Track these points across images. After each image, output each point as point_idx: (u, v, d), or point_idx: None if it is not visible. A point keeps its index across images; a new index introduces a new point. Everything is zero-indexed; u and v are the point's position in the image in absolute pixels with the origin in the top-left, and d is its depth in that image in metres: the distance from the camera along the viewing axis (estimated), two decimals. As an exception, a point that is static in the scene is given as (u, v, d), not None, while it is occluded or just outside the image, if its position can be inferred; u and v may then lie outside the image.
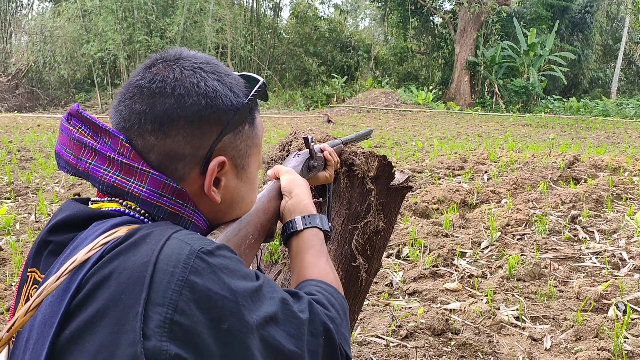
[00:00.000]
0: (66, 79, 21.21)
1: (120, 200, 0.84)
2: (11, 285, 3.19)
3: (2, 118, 14.72)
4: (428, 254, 3.76)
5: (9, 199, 5.32)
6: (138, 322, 0.65)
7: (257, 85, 0.91)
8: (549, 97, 21.84)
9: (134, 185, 0.82)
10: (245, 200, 0.97)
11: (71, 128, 0.84)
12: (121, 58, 18.59)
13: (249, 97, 0.89)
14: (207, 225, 0.91)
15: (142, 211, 0.83)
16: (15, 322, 0.70)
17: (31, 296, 0.80)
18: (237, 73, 0.94)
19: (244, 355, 0.72)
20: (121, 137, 0.83)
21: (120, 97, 0.86)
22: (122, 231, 0.75)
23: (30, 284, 0.83)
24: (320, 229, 1.10)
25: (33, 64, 20.39)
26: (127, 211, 0.82)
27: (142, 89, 0.83)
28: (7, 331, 0.70)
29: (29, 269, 0.85)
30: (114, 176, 0.82)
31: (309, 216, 1.10)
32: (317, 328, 0.84)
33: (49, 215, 4.71)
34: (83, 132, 0.84)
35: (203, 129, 0.84)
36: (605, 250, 3.82)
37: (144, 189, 0.82)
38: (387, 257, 3.78)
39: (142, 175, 0.82)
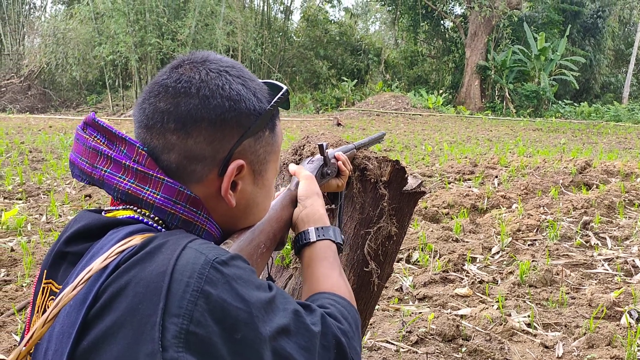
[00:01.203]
0: (78, 80, 21.37)
1: (135, 208, 0.84)
2: (22, 287, 3.21)
3: (15, 119, 14.86)
4: (438, 258, 3.74)
5: (20, 199, 5.36)
6: (156, 333, 0.65)
7: (280, 93, 0.92)
8: (560, 102, 21.71)
9: (148, 192, 0.82)
10: (260, 206, 0.96)
11: (87, 137, 0.85)
12: (133, 60, 18.72)
13: (272, 103, 0.90)
14: (220, 233, 0.91)
15: (157, 218, 0.83)
16: (33, 334, 0.70)
17: (48, 307, 0.80)
18: (261, 80, 0.94)
19: None
20: (137, 144, 0.83)
21: (145, 94, 0.87)
22: (137, 239, 0.75)
23: (47, 295, 0.83)
24: (333, 241, 1.10)
25: (45, 66, 20.55)
26: (141, 218, 0.83)
27: (168, 87, 0.84)
28: (26, 344, 0.70)
29: (44, 281, 0.85)
30: (129, 184, 0.82)
31: (322, 228, 1.10)
32: (329, 341, 0.83)
33: (60, 216, 4.74)
34: (99, 141, 0.85)
35: (225, 132, 0.85)
36: (617, 257, 3.78)
37: (159, 197, 0.82)
38: (397, 261, 3.76)
39: (157, 183, 0.82)
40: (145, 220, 0.83)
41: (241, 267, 0.75)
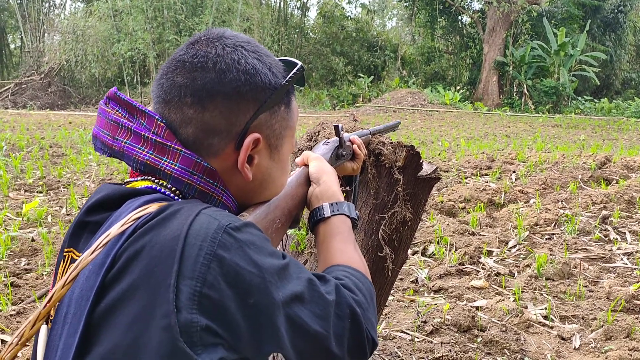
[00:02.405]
0: (97, 77, 21.60)
1: (153, 178, 0.85)
2: (42, 275, 3.27)
3: (36, 115, 15.09)
4: (454, 251, 3.72)
5: (41, 192, 5.45)
6: (171, 294, 0.67)
7: (296, 68, 0.92)
8: (579, 98, 21.40)
9: (166, 163, 0.83)
10: (276, 182, 0.97)
11: (109, 110, 0.87)
12: (151, 57, 18.88)
13: (287, 78, 0.91)
14: (236, 206, 0.92)
15: (174, 189, 0.85)
16: (52, 295, 0.72)
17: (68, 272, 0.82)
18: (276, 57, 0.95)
19: (270, 331, 0.73)
20: (157, 117, 0.85)
21: (162, 70, 0.89)
22: (153, 207, 0.77)
23: (68, 263, 0.85)
24: (348, 216, 1.10)
25: (65, 63, 20.81)
26: (158, 188, 0.84)
27: (185, 62, 0.86)
28: (45, 305, 0.72)
29: (65, 249, 0.87)
30: (148, 154, 0.84)
31: (336, 203, 1.10)
32: (343, 311, 0.84)
33: (80, 208, 4.81)
34: (120, 114, 0.87)
35: (240, 105, 0.86)
36: (637, 251, 3.73)
37: (176, 167, 0.83)
38: (413, 254, 3.76)
39: (175, 154, 0.84)
40: (162, 190, 0.84)
41: (254, 233, 0.77)
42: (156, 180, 0.85)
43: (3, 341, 2.52)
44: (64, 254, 0.87)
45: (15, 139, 8.86)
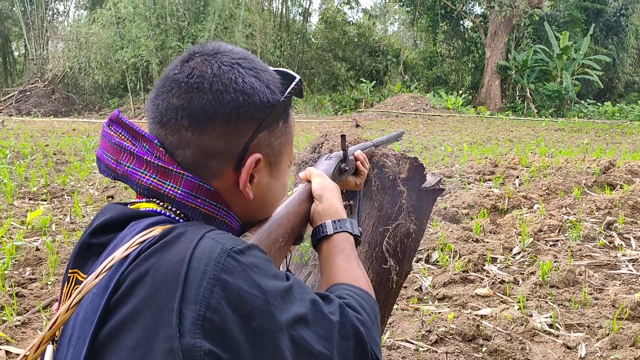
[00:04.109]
0: (100, 84, 21.69)
1: (157, 201, 0.85)
2: (47, 285, 3.28)
3: (39, 122, 15.15)
4: (458, 259, 3.71)
5: (45, 200, 5.47)
6: (174, 319, 0.67)
7: (294, 83, 0.91)
8: (582, 102, 21.37)
9: (169, 187, 0.83)
10: (276, 196, 0.97)
11: (112, 133, 0.87)
12: (154, 64, 18.95)
13: (285, 94, 0.89)
14: (240, 226, 0.92)
15: (178, 212, 0.84)
16: (57, 319, 0.72)
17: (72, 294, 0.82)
18: (272, 68, 0.94)
19: (274, 354, 0.72)
20: (155, 141, 0.84)
21: (157, 90, 0.87)
22: (157, 230, 0.77)
23: (73, 284, 0.85)
24: (351, 233, 1.10)
25: (69, 70, 20.90)
26: (163, 211, 0.84)
27: (180, 83, 0.84)
28: (50, 328, 0.72)
29: (70, 270, 0.87)
30: (151, 179, 0.83)
31: (339, 220, 1.10)
32: (347, 331, 0.83)
33: (84, 216, 4.82)
34: (123, 137, 0.86)
35: (239, 126, 0.85)
36: (642, 258, 3.72)
37: (179, 191, 0.83)
38: (417, 261, 3.75)
39: (177, 178, 0.83)
40: (166, 212, 0.84)
41: (258, 256, 0.76)
42: (160, 203, 0.85)
43: (7, 352, 2.52)
44: (69, 274, 0.87)
45: (19, 147, 8.89)
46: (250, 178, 0.88)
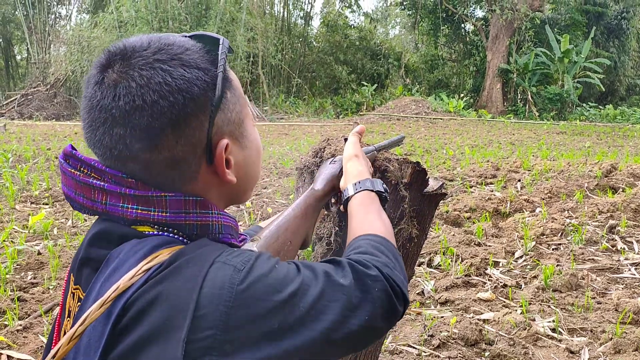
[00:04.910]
0: (102, 88, 21.71)
1: (151, 225, 0.81)
2: (49, 289, 3.27)
3: (41, 126, 15.18)
4: (460, 262, 3.71)
5: (47, 204, 5.47)
6: (180, 350, 0.67)
7: (222, 48, 0.84)
8: (584, 105, 21.37)
9: (156, 213, 0.79)
10: (256, 161, 0.94)
11: (73, 171, 0.82)
12: (155, 67, 18.98)
13: (219, 65, 0.82)
14: (235, 221, 0.91)
15: (175, 231, 0.81)
16: (58, 349, 0.72)
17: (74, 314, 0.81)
18: (187, 36, 0.86)
19: (302, 344, 0.74)
20: (120, 174, 0.79)
21: (90, 125, 0.80)
22: (163, 255, 0.75)
23: (76, 302, 0.84)
24: (372, 190, 1.14)
25: (71, 74, 20.93)
26: (161, 233, 0.81)
27: (111, 110, 0.76)
28: (53, 357, 0.72)
29: (73, 287, 0.85)
30: (135, 210, 0.79)
31: (359, 182, 1.15)
32: (366, 284, 0.83)
33: (86, 220, 4.82)
34: (86, 172, 0.81)
35: (192, 124, 0.79)
36: (645, 262, 3.71)
37: (168, 214, 0.80)
38: (419, 265, 3.74)
39: (160, 202, 0.79)
40: (165, 234, 0.81)
41: (268, 264, 0.77)
42: (155, 227, 0.81)
43: (9, 357, 2.52)
44: (72, 290, 0.85)
45: (21, 150, 8.91)
46: (226, 163, 0.84)
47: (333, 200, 1.28)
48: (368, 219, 1.06)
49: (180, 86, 0.77)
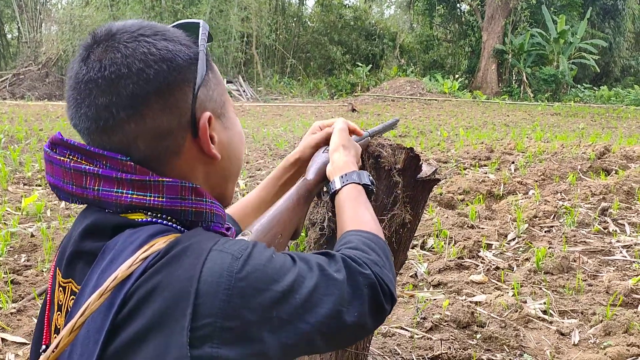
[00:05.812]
0: (94, 67, 21.49)
1: (144, 212, 0.81)
2: (42, 272, 3.28)
3: (33, 106, 15.03)
4: (453, 245, 3.73)
5: (40, 186, 5.45)
6: (185, 337, 0.67)
7: (202, 30, 0.87)
8: (579, 86, 21.37)
9: (152, 198, 0.79)
10: (239, 146, 0.95)
11: (62, 158, 0.81)
12: (148, 46, 18.79)
13: (200, 43, 0.85)
14: (224, 211, 0.91)
15: (169, 217, 0.81)
16: (59, 342, 0.71)
17: (70, 307, 0.80)
18: (169, 26, 0.89)
19: (299, 334, 0.76)
20: (118, 157, 0.79)
21: (74, 100, 0.81)
22: (160, 243, 0.75)
23: (68, 295, 0.83)
24: (359, 183, 1.13)
25: (63, 53, 20.67)
26: (156, 220, 0.80)
27: (97, 80, 0.77)
28: (53, 350, 0.71)
29: (63, 280, 0.84)
30: (130, 196, 0.78)
31: (346, 174, 1.14)
32: (356, 280, 0.85)
33: (79, 202, 4.80)
34: (76, 159, 0.81)
35: (176, 94, 0.80)
36: (636, 244, 3.74)
37: (164, 199, 0.80)
38: (412, 248, 3.76)
39: (157, 187, 0.79)
40: (160, 221, 0.81)
41: (264, 254, 0.78)
42: (148, 213, 0.81)
43: (4, 340, 2.53)
44: (63, 284, 0.84)
45: (13, 131, 8.84)
46: (211, 139, 0.85)
47: (325, 189, 1.28)
48: (358, 214, 1.06)
49: (165, 55, 0.79)
